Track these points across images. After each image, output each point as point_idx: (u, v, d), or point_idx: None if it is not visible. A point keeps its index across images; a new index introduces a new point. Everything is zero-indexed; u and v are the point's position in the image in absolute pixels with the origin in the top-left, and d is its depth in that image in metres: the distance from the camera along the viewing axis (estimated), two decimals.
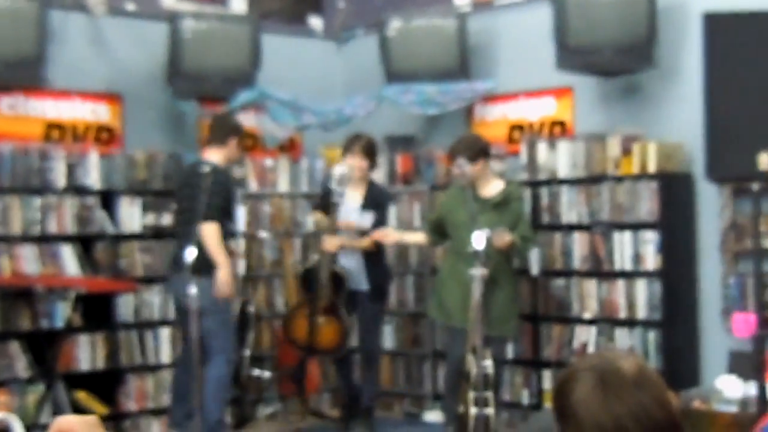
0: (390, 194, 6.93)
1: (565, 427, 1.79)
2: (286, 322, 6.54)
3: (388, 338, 7.38)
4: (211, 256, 5.73)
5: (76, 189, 6.49)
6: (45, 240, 6.35)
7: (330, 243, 6.21)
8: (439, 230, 6.15)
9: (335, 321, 6.30)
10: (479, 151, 5.82)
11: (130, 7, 7.04)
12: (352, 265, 6.39)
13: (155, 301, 6.72)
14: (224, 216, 5.87)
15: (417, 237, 6.55)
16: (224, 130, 6.12)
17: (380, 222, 6.40)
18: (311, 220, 7.18)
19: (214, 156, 6.00)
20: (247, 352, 6.76)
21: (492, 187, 5.90)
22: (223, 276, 5.76)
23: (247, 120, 7.52)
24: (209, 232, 5.71)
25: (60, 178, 6.45)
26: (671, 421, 1.76)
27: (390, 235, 6.34)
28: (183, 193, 5.95)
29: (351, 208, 6.35)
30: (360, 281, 6.39)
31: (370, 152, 6.39)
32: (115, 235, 6.60)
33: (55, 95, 6.66)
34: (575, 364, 1.85)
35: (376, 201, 6.44)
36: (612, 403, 1.75)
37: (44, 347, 6.09)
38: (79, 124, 6.80)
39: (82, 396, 6.24)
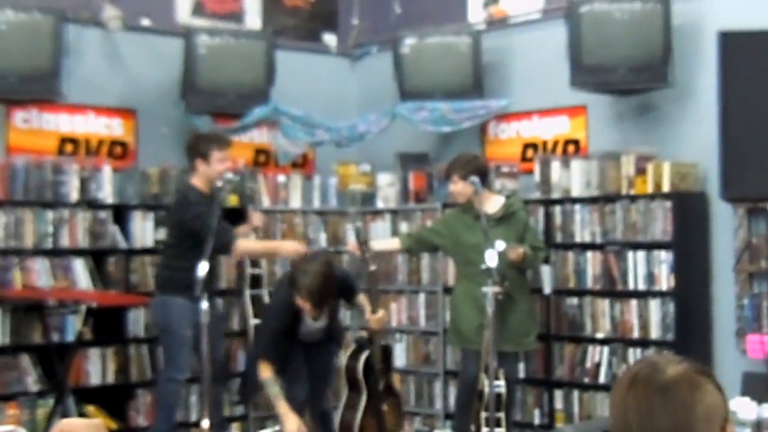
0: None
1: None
2: (347, 426, 5.61)
3: (399, 356, 7.35)
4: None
5: (89, 203, 6.50)
6: (57, 253, 6.35)
7: (378, 319, 5.61)
8: (423, 242, 6.20)
9: (393, 399, 5.79)
10: (473, 169, 5.80)
11: (146, 22, 7.06)
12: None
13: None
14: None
15: (389, 243, 6.50)
16: (189, 153, 6.01)
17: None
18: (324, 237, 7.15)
19: (195, 180, 5.95)
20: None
21: (493, 204, 5.89)
22: (289, 246, 5.92)
23: (261, 136, 7.56)
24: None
25: (73, 192, 6.46)
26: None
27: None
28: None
29: None
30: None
31: None
32: (127, 250, 6.60)
33: (69, 109, 6.68)
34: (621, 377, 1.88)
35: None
36: (629, 398, 1.76)
37: (55, 361, 6.08)
38: (92, 139, 6.82)
39: (91, 410, 6.22)
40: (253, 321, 6.63)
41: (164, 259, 6.04)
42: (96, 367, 6.45)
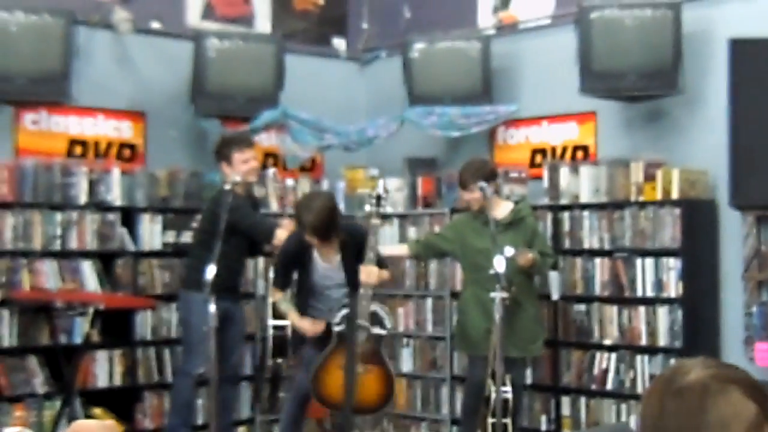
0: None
1: None
2: (316, 376, 5.59)
3: (405, 361, 7.34)
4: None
5: (98, 205, 6.51)
6: (65, 256, 6.35)
7: (368, 271, 5.47)
8: (431, 248, 6.20)
9: (378, 369, 5.51)
10: (483, 175, 5.81)
11: (156, 25, 7.07)
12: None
13: (173, 318, 6.71)
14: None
15: (398, 249, 6.53)
16: (216, 158, 6.21)
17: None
18: None
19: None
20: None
21: (501, 209, 5.89)
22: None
23: (269, 140, 7.56)
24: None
25: (82, 195, 6.47)
26: None
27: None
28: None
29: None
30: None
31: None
32: (135, 252, 6.60)
33: (78, 112, 6.69)
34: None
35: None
36: (649, 396, 1.77)
37: (62, 363, 6.09)
38: (102, 141, 6.83)
39: (98, 413, 6.22)
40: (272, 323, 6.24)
41: (192, 258, 6.10)
42: (103, 370, 6.46)
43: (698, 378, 1.77)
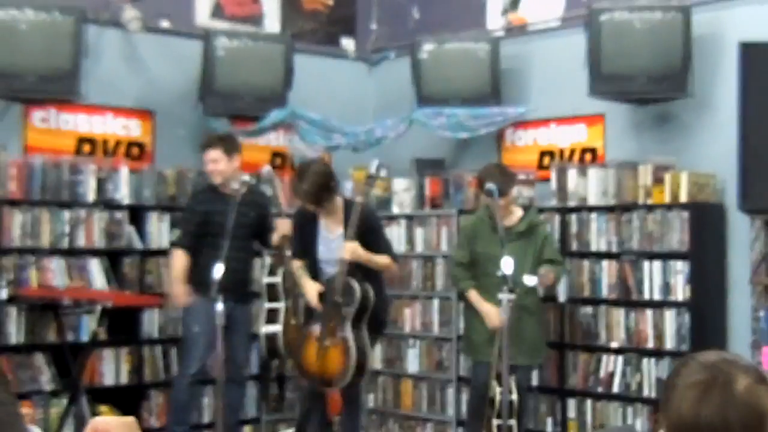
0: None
1: (664, 404, 1.87)
2: (295, 348, 5.73)
3: (411, 362, 7.34)
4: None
5: (106, 203, 6.52)
6: (73, 253, 6.36)
7: (351, 250, 5.46)
8: (471, 267, 5.98)
9: (341, 343, 5.49)
10: (511, 181, 5.81)
11: (165, 24, 7.08)
12: None
13: (180, 317, 6.71)
14: None
15: (474, 297, 5.98)
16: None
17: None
18: None
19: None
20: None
21: (512, 215, 5.89)
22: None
23: (278, 140, 7.57)
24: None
25: (90, 192, 6.48)
26: None
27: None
28: None
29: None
30: None
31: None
32: (142, 250, 6.61)
33: (87, 110, 6.70)
34: (697, 354, 1.90)
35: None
36: (703, 405, 1.78)
37: (69, 360, 6.09)
38: (110, 139, 6.84)
39: (105, 410, 6.23)
40: (265, 329, 6.15)
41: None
42: (110, 367, 6.47)
43: (751, 385, 1.81)
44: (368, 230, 5.54)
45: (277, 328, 6.01)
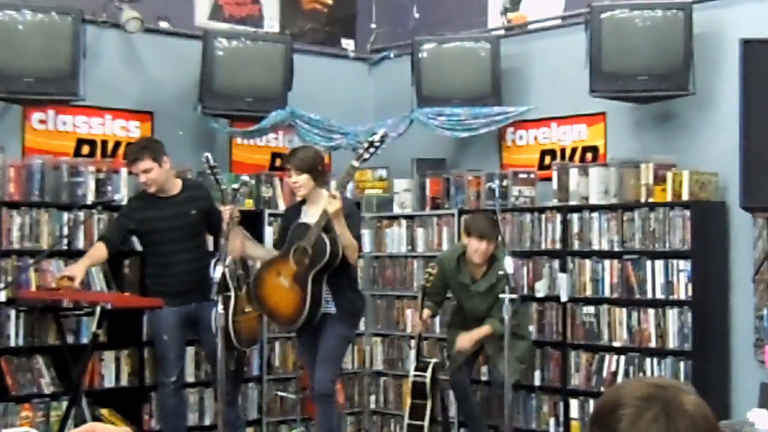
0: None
1: None
2: (258, 276, 5.84)
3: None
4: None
5: (105, 205, 6.48)
6: (72, 255, 6.33)
7: (333, 204, 5.40)
8: (440, 296, 6.43)
9: (299, 290, 5.52)
10: (497, 231, 5.95)
11: (164, 25, 7.06)
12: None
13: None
14: None
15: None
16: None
17: None
18: None
19: None
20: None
21: (481, 268, 6.19)
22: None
23: (278, 140, 7.55)
24: None
25: (89, 194, 6.45)
26: None
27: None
28: None
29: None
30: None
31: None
32: (142, 252, 6.57)
33: (86, 111, 6.68)
34: (621, 390, 1.72)
35: None
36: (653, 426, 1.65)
37: (69, 363, 6.06)
38: (109, 141, 6.82)
39: (105, 413, 6.21)
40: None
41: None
42: (110, 370, 6.44)
43: (699, 404, 1.71)
44: (345, 215, 5.47)
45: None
